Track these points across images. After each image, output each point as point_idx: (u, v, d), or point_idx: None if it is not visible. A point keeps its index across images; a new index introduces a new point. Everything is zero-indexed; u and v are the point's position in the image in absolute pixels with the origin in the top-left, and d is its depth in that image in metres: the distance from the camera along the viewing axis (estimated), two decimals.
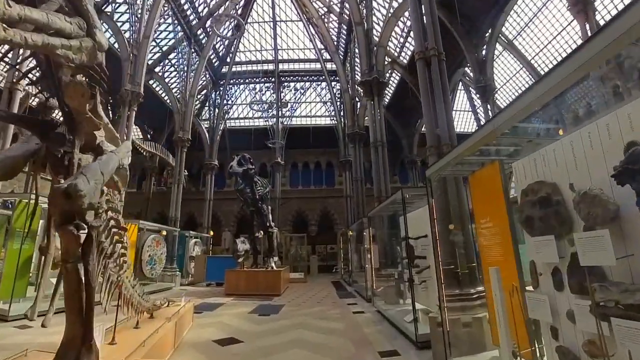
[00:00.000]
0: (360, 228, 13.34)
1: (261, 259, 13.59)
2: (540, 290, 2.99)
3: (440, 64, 5.51)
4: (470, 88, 26.87)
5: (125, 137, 11.75)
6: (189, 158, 25.01)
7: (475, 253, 5.04)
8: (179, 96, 18.41)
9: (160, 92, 22.65)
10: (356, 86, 19.23)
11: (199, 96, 25.40)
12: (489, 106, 12.13)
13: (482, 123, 26.67)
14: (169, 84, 20.79)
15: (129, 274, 3.99)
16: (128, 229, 3.52)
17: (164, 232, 15.92)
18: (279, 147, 23.76)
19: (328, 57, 24.48)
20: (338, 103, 24.30)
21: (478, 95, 12.85)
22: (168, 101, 20.34)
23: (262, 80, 24.95)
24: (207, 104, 25.40)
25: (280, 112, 24.84)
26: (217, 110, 24.73)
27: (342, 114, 24.19)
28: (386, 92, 20.64)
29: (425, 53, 5.55)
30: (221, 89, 25.03)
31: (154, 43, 19.42)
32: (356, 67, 18.88)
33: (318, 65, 25.02)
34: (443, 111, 5.38)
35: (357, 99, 18.38)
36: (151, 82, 21.66)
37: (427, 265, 5.86)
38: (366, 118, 19.08)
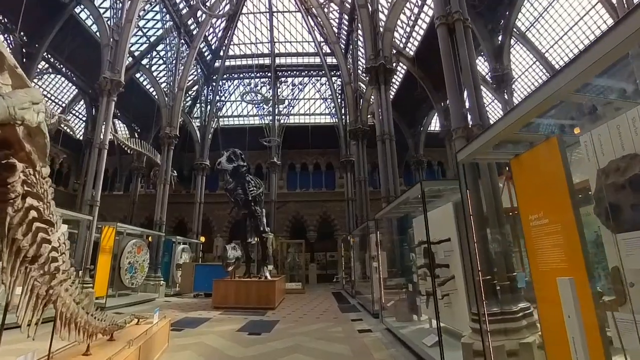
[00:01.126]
0: (364, 233, 12.51)
1: (254, 268, 12.79)
2: (631, 308, 2.21)
3: (465, 30, 4.75)
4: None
5: (104, 131, 10.96)
6: (179, 159, 24.25)
7: (513, 259, 4.23)
8: (167, 90, 17.66)
9: (148, 87, 21.93)
10: (360, 75, 18.54)
11: (190, 92, 24.72)
12: (506, 97, 11.40)
13: (499, 116, 25.64)
14: (157, 78, 20.06)
15: (68, 285, 3.14)
16: (55, 223, 2.67)
17: (150, 238, 15.08)
18: (276, 145, 22.97)
19: (328, 50, 23.82)
20: (339, 99, 23.57)
21: (495, 86, 12.13)
22: (156, 96, 19.59)
23: (258, 75, 24.25)
24: (198, 101, 24.68)
25: (277, 109, 24.09)
26: (209, 107, 23.98)
27: (343, 111, 23.47)
28: (391, 88, 19.94)
29: (448, 18, 4.80)
30: (213, 84, 24.32)
31: (140, 33, 18.74)
32: (359, 59, 18.20)
33: (317, 60, 24.34)
34: (471, 86, 4.60)
35: (360, 93, 17.66)
36: (138, 75, 20.96)
37: (451, 276, 5.04)
38: (369, 117, 18.37)
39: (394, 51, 16.16)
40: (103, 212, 23.70)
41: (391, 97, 21.04)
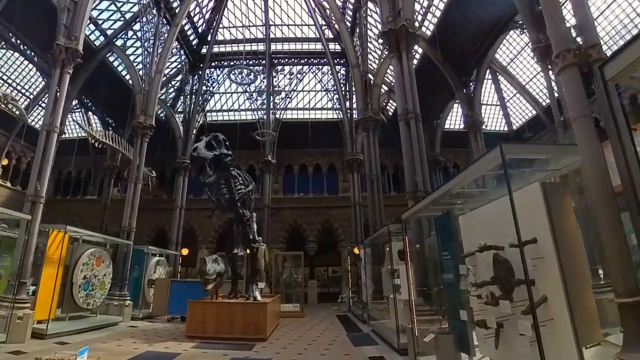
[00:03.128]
0: (380, 241, 10.94)
1: (242, 286, 11.11)
2: None
3: None
4: (498, 76, 24.87)
5: (54, 109, 9.40)
6: (161, 160, 22.67)
7: None
8: (143, 75, 16.19)
9: (124, 73, 20.49)
10: (369, 63, 17.12)
11: (173, 83, 23.30)
12: (550, 72, 9.94)
13: (515, 114, 24.10)
14: (135, 63, 18.58)
15: None
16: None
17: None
18: (270, 141, 21.42)
19: (331, 36, 22.53)
20: (344, 90, 22.13)
21: (535, 58, 10.68)
22: (131, 82, 18.11)
23: (251, 62, 22.84)
24: (182, 93, 23.22)
25: (272, 101, 22.64)
26: (194, 98, 22.54)
27: (348, 104, 22.03)
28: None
29: None
30: (199, 72, 22.91)
31: (113, 7, 17.37)
32: (370, 39, 16.88)
33: (319, 46, 22.96)
34: None
35: (368, 80, 16.21)
36: (112, 59, 19.54)
37: (543, 297, 3.44)
38: (382, 112, 16.88)
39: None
40: (74, 219, 21.96)
41: None
